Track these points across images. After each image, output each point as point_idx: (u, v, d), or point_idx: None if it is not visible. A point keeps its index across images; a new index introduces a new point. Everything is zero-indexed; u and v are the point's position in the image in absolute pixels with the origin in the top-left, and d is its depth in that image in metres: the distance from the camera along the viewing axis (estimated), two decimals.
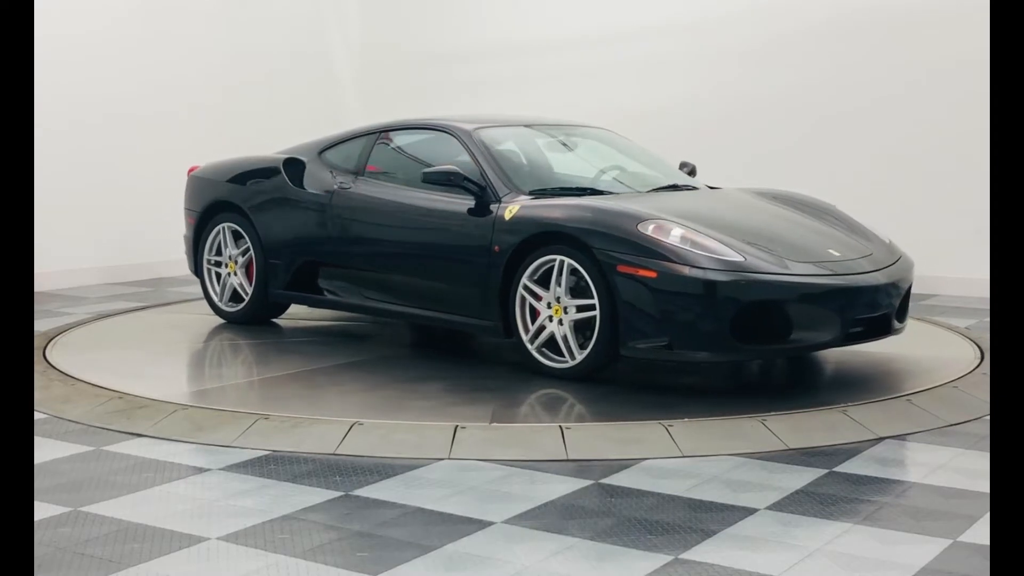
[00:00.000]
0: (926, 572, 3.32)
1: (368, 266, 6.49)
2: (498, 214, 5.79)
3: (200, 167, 7.53)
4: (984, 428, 4.93)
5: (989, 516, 3.78)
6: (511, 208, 5.76)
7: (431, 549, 3.49)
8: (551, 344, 5.56)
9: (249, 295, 7.08)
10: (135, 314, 7.80)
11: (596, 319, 5.32)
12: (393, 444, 4.57)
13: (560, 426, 4.69)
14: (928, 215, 8.93)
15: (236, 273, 7.15)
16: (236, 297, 7.19)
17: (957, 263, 8.82)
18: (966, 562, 3.40)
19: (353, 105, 11.65)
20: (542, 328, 5.56)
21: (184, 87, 10.35)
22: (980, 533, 3.64)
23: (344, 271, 6.64)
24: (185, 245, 7.53)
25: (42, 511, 3.83)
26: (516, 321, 5.64)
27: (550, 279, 5.50)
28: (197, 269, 7.39)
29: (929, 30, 8.97)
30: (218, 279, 7.28)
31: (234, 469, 4.34)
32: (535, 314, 5.59)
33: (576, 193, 6.07)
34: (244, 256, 7.10)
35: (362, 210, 6.50)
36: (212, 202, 7.23)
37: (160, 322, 7.52)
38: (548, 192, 6.01)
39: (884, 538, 3.60)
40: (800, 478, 4.21)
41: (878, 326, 5.57)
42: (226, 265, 7.20)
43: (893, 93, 9.15)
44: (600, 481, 4.18)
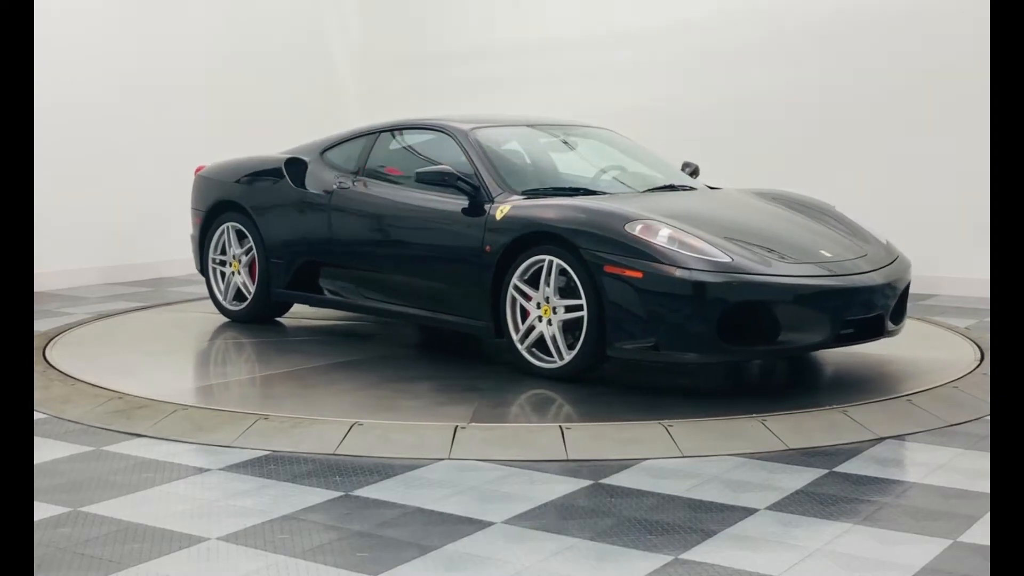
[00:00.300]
0: (926, 572, 3.32)
1: (366, 266, 6.49)
2: (490, 214, 5.80)
3: (206, 167, 7.58)
4: (984, 428, 4.93)
5: (989, 516, 3.78)
6: (502, 208, 5.76)
7: (431, 549, 3.49)
8: (541, 344, 5.55)
9: (252, 294, 7.12)
10: (135, 314, 7.80)
11: (584, 320, 5.32)
12: (393, 444, 4.57)
13: (560, 426, 4.69)
14: (928, 215, 8.92)
15: (240, 272, 7.20)
16: (240, 296, 7.25)
17: (957, 263, 8.82)
18: (966, 562, 3.40)
19: (353, 106, 11.65)
20: (532, 328, 5.56)
21: (184, 88, 10.35)
22: (980, 533, 3.64)
23: (343, 271, 6.65)
24: (192, 244, 7.58)
25: (42, 511, 3.83)
26: (507, 321, 5.64)
27: (540, 279, 5.50)
28: (203, 268, 7.45)
29: (929, 29, 8.97)
30: (223, 278, 7.33)
31: (234, 469, 4.34)
32: (525, 314, 5.58)
33: (569, 193, 6.06)
34: (247, 255, 7.15)
35: (360, 210, 6.51)
36: (217, 201, 7.29)
37: (160, 322, 7.52)
38: (541, 192, 6.01)
39: (884, 538, 3.60)
40: (800, 478, 4.21)
41: (871, 328, 5.50)
42: (230, 264, 7.25)
43: (893, 93, 9.15)
44: (600, 481, 4.18)
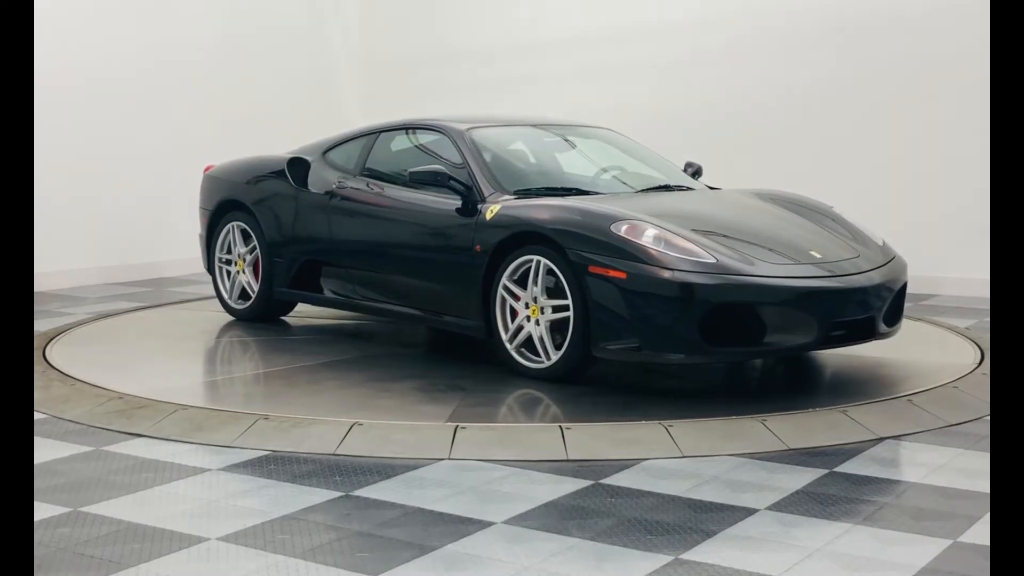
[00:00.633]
0: (926, 572, 3.32)
1: (364, 265, 6.51)
2: (481, 214, 5.79)
3: (214, 167, 7.64)
4: (984, 428, 4.93)
5: (989, 516, 3.78)
6: (492, 208, 5.76)
7: (431, 549, 3.49)
8: (529, 344, 5.55)
9: (255, 293, 7.15)
10: (135, 314, 7.80)
11: (570, 320, 5.30)
12: (393, 444, 4.56)
13: (560, 426, 4.68)
14: (928, 215, 8.92)
15: (244, 271, 7.25)
16: (244, 295, 7.31)
17: (957, 263, 8.82)
18: (966, 562, 3.40)
19: (354, 107, 11.65)
20: (520, 328, 5.55)
21: (184, 88, 10.35)
22: (980, 533, 3.64)
23: (341, 270, 6.66)
24: (200, 243, 7.64)
25: (42, 511, 3.83)
26: (496, 321, 5.63)
27: (528, 279, 5.49)
28: (210, 267, 7.49)
29: (930, 29, 8.97)
30: (229, 277, 7.38)
31: (234, 469, 4.34)
32: (515, 314, 5.57)
33: (561, 193, 6.04)
34: (252, 255, 7.19)
35: (358, 210, 6.53)
36: (223, 201, 7.35)
37: (160, 322, 7.52)
38: (533, 192, 6.00)
39: (884, 538, 3.59)
40: (800, 478, 4.21)
41: (862, 329, 5.43)
42: (235, 263, 7.29)
43: (894, 93, 9.15)
44: (600, 481, 4.17)
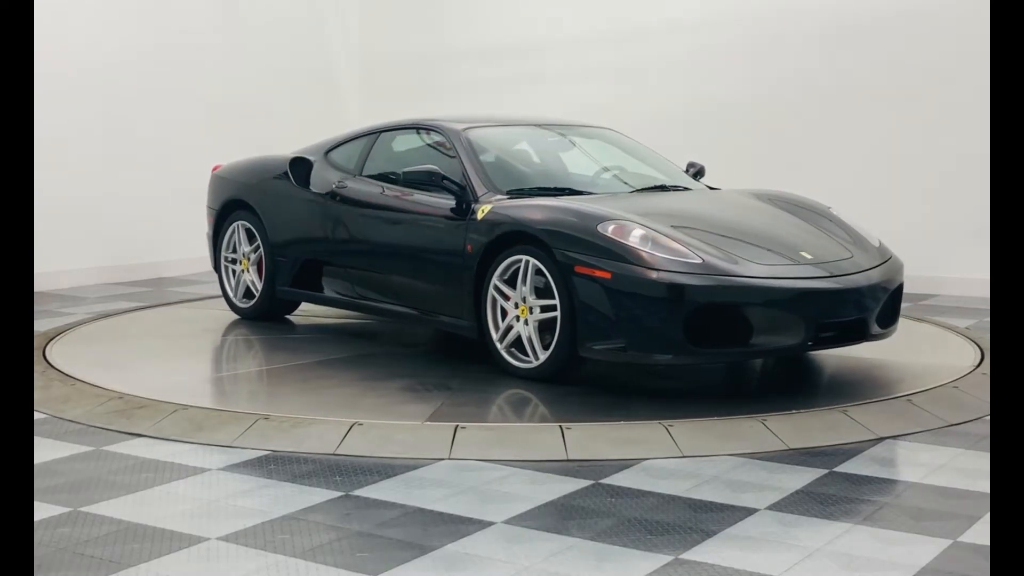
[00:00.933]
0: (926, 572, 3.32)
1: (363, 265, 6.52)
2: (473, 214, 5.80)
3: (221, 166, 7.68)
4: (984, 428, 4.93)
5: (989, 516, 3.78)
6: (483, 208, 5.76)
7: (431, 549, 3.49)
8: (519, 344, 5.54)
9: (259, 292, 7.19)
10: (135, 314, 7.80)
11: (558, 320, 5.29)
12: (393, 444, 4.56)
13: (560, 426, 4.68)
14: (928, 215, 8.92)
15: (248, 270, 7.29)
16: (249, 294, 7.35)
17: (957, 263, 8.82)
18: (966, 562, 3.40)
19: (354, 106, 11.65)
20: (510, 328, 5.55)
21: (184, 88, 10.34)
22: (980, 533, 3.64)
23: (341, 269, 6.68)
24: (207, 242, 7.67)
25: (42, 511, 3.83)
26: (487, 321, 5.63)
27: (518, 279, 5.49)
28: (216, 266, 7.53)
29: (930, 29, 8.97)
30: (234, 276, 7.43)
31: (234, 469, 4.34)
32: (505, 314, 5.57)
33: (553, 193, 6.03)
34: (256, 253, 7.22)
35: (357, 210, 6.54)
36: (228, 200, 7.39)
37: (160, 322, 7.52)
38: (525, 192, 5.99)
39: (884, 538, 3.59)
40: (800, 478, 4.21)
41: (852, 331, 5.38)
42: (240, 262, 7.32)
43: (894, 92, 9.15)
44: (600, 481, 4.17)
